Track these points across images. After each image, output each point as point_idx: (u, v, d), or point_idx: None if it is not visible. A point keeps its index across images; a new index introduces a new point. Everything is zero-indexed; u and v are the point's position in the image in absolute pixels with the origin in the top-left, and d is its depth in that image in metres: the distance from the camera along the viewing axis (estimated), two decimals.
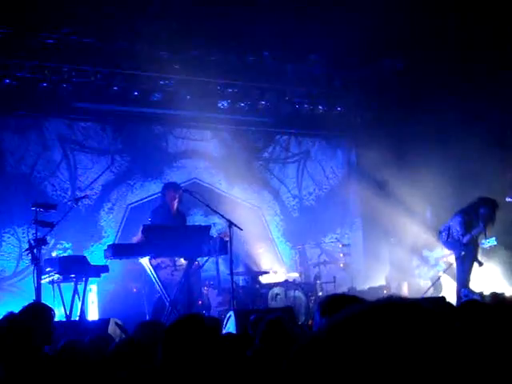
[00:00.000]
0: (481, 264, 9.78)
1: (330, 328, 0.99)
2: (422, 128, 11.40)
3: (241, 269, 11.21)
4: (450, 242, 9.90)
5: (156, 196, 11.31)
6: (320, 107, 13.36)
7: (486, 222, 9.61)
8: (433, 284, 10.82)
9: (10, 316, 4.64)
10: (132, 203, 12.02)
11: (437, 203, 11.99)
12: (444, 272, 10.56)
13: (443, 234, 9.99)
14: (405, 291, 11.46)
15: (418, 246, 11.89)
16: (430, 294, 10.54)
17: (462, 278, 9.68)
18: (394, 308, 0.99)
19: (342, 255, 12.52)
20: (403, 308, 0.99)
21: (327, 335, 0.99)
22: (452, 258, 10.26)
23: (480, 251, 10.07)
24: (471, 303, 4.09)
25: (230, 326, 7.44)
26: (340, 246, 12.69)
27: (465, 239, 9.63)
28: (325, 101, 13.40)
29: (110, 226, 11.73)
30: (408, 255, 11.99)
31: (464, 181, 11.25)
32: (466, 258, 9.66)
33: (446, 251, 10.39)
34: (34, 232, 8.08)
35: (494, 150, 11.41)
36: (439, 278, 10.68)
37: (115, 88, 11.43)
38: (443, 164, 11.43)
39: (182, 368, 2.64)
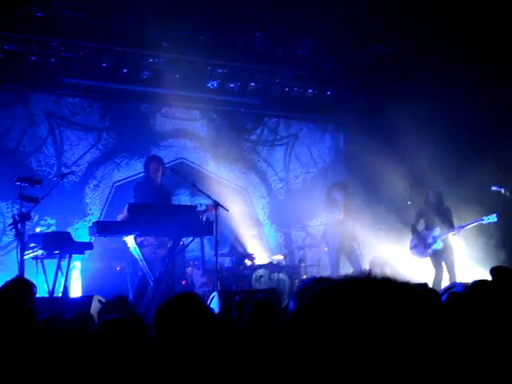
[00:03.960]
0: None
1: (312, 301, 1.00)
2: (410, 114, 11.37)
3: (226, 250, 11.22)
4: None
5: (142, 175, 11.25)
6: (310, 90, 13.34)
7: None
8: None
9: None
10: (117, 181, 11.95)
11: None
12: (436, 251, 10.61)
13: None
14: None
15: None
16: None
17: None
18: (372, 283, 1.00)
19: None
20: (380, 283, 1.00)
21: (308, 310, 1.00)
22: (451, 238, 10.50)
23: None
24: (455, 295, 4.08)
25: (213, 306, 7.45)
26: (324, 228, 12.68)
27: None
28: (314, 84, 13.36)
29: (94, 204, 11.67)
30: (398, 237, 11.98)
31: (453, 165, 11.29)
32: None
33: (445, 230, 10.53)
34: (18, 207, 8.01)
35: (482, 137, 11.47)
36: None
37: (104, 64, 11.32)
38: (431, 149, 11.45)
39: (176, 346, 2.63)
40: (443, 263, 10.47)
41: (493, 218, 10.07)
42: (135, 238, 8.18)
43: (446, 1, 10.28)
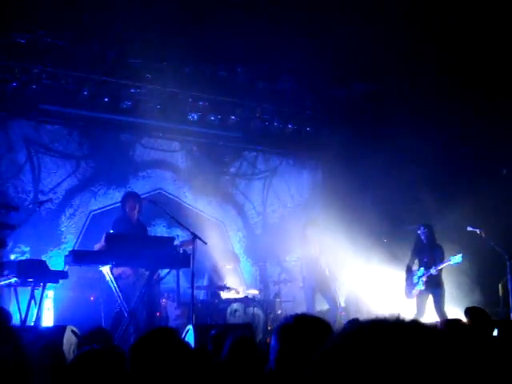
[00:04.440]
0: None
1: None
2: (388, 152, 11.51)
3: (205, 283, 11.16)
4: None
5: (119, 204, 11.18)
6: (289, 126, 13.43)
7: None
8: None
9: None
10: (94, 210, 11.87)
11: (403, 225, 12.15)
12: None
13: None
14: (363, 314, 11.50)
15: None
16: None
17: None
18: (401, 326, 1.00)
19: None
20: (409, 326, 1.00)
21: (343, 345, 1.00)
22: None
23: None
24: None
25: (188, 340, 7.36)
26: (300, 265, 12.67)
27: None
28: (295, 120, 13.47)
29: (70, 232, 11.55)
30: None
31: (429, 205, 11.40)
32: None
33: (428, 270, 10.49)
34: None
35: (458, 177, 11.62)
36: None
37: (85, 93, 11.31)
38: (409, 187, 11.58)
39: (151, 380, 2.59)
40: (426, 304, 10.40)
41: (459, 258, 10.08)
42: (111, 269, 8.09)
43: (427, 40, 10.47)
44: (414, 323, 1.02)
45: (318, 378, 0.99)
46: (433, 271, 10.32)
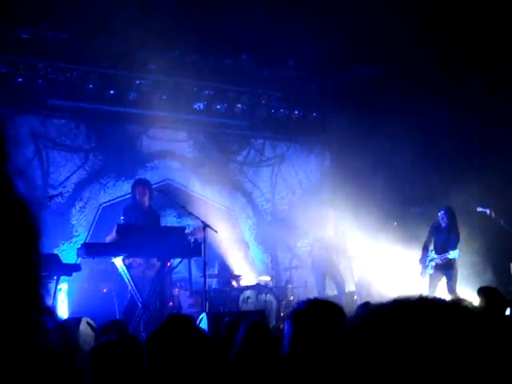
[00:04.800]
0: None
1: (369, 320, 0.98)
2: (395, 134, 11.49)
3: (216, 271, 11.20)
4: None
5: (128, 196, 11.21)
6: (296, 112, 13.41)
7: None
8: None
9: None
10: (104, 202, 11.91)
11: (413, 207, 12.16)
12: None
13: None
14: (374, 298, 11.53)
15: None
16: None
17: None
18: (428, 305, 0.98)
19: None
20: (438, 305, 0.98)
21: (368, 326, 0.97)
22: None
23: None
24: None
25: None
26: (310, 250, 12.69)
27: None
28: (301, 106, 13.44)
29: (81, 225, 11.61)
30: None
31: (438, 186, 11.39)
32: None
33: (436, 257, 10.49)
34: None
35: (465, 159, 11.60)
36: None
37: (91, 86, 11.33)
38: (416, 170, 11.55)
39: (169, 371, 2.62)
40: (438, 285, 10.43)
41: (456, 254, 10.09)
42: (123, 260, 8.14)
43: (431, 24, 10.42)
44: (441, 301, 0.98)
45: (341, 365, 0.94)
46: (437, 260, 10.35)
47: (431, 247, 10.70)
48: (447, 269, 10.30)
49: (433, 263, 10.42)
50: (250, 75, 12.42)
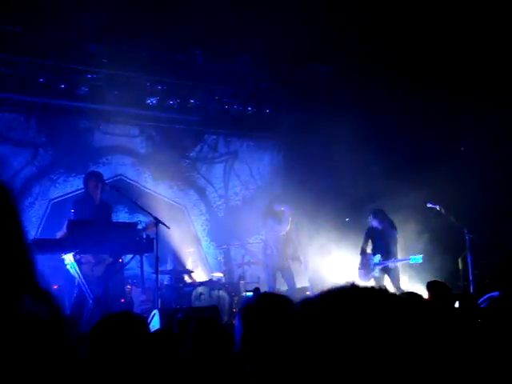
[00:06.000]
0: None
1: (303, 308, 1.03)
2: (347, 131, 11.59)
3: (168, 267, 11.15)
4: None
5: (79, 192, 11.04)
6: (249, 108, 13.41)
7: None
8: None
9: None
10: (54, 198, 11.72)
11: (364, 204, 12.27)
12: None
13: None
14: None
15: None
16: None
17: None
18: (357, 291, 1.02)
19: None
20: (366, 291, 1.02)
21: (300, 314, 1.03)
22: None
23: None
24: None
25: (154, 324, 7.38)
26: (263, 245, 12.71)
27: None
28: (253, 102, 13.45)
29: (30, 222, 11.38)
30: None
31: (389, 183, 11.53)
32: None
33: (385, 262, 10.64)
34: None
35: (419, 155, 11.78)
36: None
37: (41, 80, 11.12)
38: (368, 167, 11.67)
39: (111, 366, 2.59)
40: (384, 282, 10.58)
41: (419, 258, 10.23)
42: (74, 256, 8.02)
43: (381, 22, 10.55)
44: (369, 287, 1.05)
45: (276, 352, 1.00)
46: (391, 264, 10.50)
47: (369, 250, 10.89)
48: (389, 269, 10.55)
49: (380, 267, 10.58)
50: (202, 71, 12.36)
